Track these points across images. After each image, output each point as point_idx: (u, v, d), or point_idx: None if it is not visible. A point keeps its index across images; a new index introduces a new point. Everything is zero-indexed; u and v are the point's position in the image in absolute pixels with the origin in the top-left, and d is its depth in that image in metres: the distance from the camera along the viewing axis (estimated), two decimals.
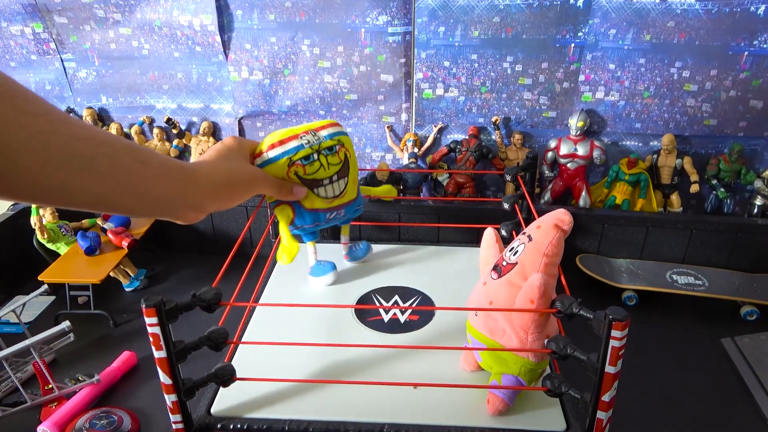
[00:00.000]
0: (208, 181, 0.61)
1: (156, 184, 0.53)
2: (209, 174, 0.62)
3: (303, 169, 0.82)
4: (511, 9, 1.13)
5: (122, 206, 0.52)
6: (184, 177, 0.57)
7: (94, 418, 0.80)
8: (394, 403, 0.71)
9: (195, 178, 0.59)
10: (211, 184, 0.61)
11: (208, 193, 0.61)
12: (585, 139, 1.21)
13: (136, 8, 1.21)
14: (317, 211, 0.87)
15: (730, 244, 1.13)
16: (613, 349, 0.57)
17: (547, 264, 0.67)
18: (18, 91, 0.42)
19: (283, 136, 0.82)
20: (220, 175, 0.63)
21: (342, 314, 0.89)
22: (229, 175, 0.65)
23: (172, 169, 0.56)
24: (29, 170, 0.41)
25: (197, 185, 0.59)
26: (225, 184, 0.64)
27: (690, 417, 0.82)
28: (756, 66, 1.12)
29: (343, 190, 0.88)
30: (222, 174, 0.64)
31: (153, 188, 0.53)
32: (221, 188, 0.63)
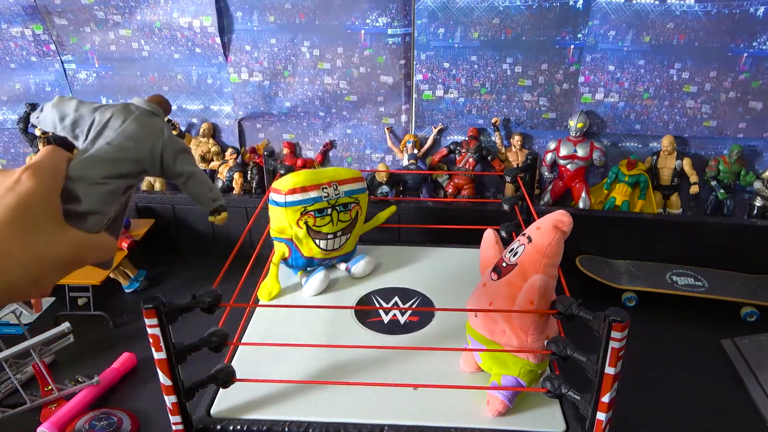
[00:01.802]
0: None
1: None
2: (2, 263, 0.37)
3: (314, 220, 0.90)
4: (510, 10, 1.13)
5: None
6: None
7: (94, 420, 0.80)
8: (394, 404, 0.71)
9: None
10: (3, 280, 0.37)
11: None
12: (585, 141, 1.21)
13: (136, 10, 1.21)
14: (313, 258, 0.91)
15: (729, 246, 1.13)
16: (612, 350, 0.57)
17: (547, 265, 0.67)
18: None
19: (307, 183, 0.88)
20: (19, 267, 0.38)
21: (342, 315, 0.89)
22: (38, 267, 0.39)
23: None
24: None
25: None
26: (30, 280, 0.39)
27: (690, 417, 0.82)
28: (755, 67, 1.12)
29: (343, 244, 0.95)
30: (23, 263, 0.38)
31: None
32: (22, 286, 0.38)
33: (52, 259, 0.40)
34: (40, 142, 1.28)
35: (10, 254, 0.37)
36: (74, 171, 0.45)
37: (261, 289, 0.94)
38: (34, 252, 0.38)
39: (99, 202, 0.45)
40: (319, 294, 0.96)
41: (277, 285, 0.95)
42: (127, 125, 0.48)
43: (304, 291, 0.96)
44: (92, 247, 0.44)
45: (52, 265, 0.40)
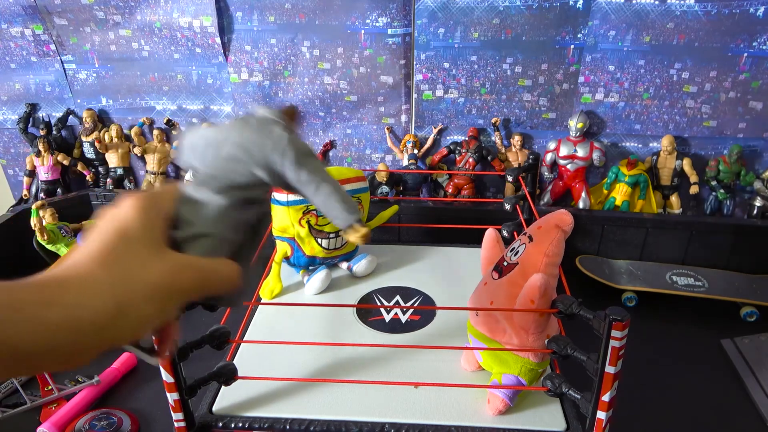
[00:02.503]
0: (82, 311, 0.34)
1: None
2: (85, 296, 0.34)
3: (316, 219, 0.90)
4: (510, 10, 1.13)
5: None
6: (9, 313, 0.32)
7: (94, 420, 0.80)
8: (395, 402, 0.71)
9: (53, 304, 0.33)
10: (86, 315, 0.34)
11: (81, 328, 0.33)
12: (584, 141, 1.21)
13: (137, 10, 1.21)
14: (315, 257, 0.92)
15: (729, 246, 1.13)
16: (613, 349, 0.57)
17: (548, 264, 0.67)
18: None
19: None
20: (104, 299, 0.34)
21: (343, 314, 0.89)
22: (126, 296, 0.35)
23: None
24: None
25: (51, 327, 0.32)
26: (111, 313, 0.34)
27: (689, 417, 0.82)
28: (755, 67, 1.13)
29: (345, 243, 0.95)
30: (110, 294, 0.35)
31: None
32: (109, 319, 0.34)
33: (145, 287, 0.36)
34: (40, 142, 1.28)
35: (95, 288, 0.35)
36: (185, 193, 0.43)
37: (263, 288, 0.95)
38: (122, 282, 0.36)
39: (210, 222, 0.42)
40: (320, 293, 0.96)
41: (279, 284, 0.95)
42: (241, 135, 0.44)
43: (306, 290, 0.96)
44: (197, 270, 0.40)
45: (144, 294, 0.36)
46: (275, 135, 0.44)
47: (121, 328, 0.35)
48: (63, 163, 1.31)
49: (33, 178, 1.34)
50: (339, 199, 0.46)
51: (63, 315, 0.33)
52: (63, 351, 0.33)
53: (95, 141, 1.31)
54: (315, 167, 0.45)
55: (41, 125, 1.31)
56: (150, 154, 1.33)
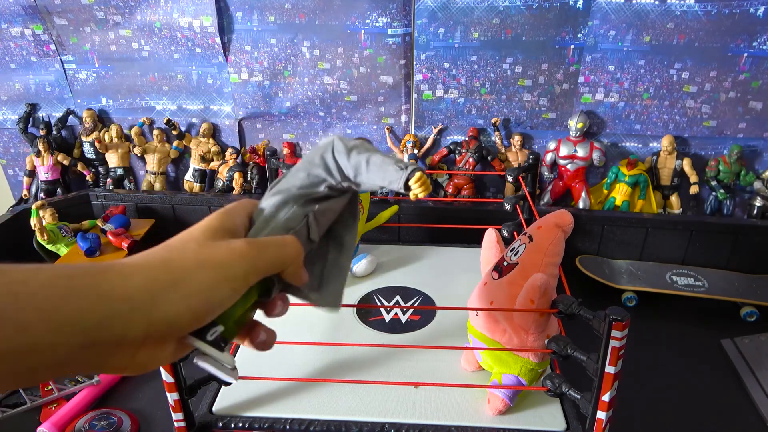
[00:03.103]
0: (135, 279, 0.34)
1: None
2: (139, 270, 0.35)
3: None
4: (510, 10, 1.13)
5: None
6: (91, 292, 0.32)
7: (94, 419, 0.80)
8: (395, 402, 0.71)
9: (106, 274, 0.33)
10: (140, 283, 0.34)
11: (134, 298, 0.33)
12: (584, 141, 1.21)
13: (137, 10, 1.21)
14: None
15: (729, 246, 1.13)
16: (613, 349, 0.57)
17: (548, 264, 0.67)
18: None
19: None
20: (160, 271, 0.36)
21: (343, 314, 0.89)
22: (180, 272, 0.36)
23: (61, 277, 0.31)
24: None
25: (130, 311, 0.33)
26: (170, 284, 0.35)
27: (689, 417, 0.82)
28: (755, 67, 1.13)
29: None
30: (164, 269, 0.36)
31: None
32: (164, 290, 0.35)
33: (197, 259, 0.37)
34: (40, 142, 1.28)
35: (150, 265, 0.36)
36: (262, 204, 0.47)
37: None
38: (178, 255, 0.38)
39: (266, 215, 0.45)
40: None
41: None
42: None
43: None
44: (254, 245, 0.40)
45: (197, 263, 0.37)
46: (324, 141, 0.49)
47: (181, 300, 0.35)
48: (63, 163, 1.31)
49: (33, 178, 1.34)
50: (391, 162, 0.48)
51: (117, 284, 0.33)
52: (124, 326, 0.32)
53: (95, 141, 1.31)
54: (361, 148, 0.48)
55: (41, 125, 1.31)
56: (150, 154, 1.33)
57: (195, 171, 1.34)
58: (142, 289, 0.34)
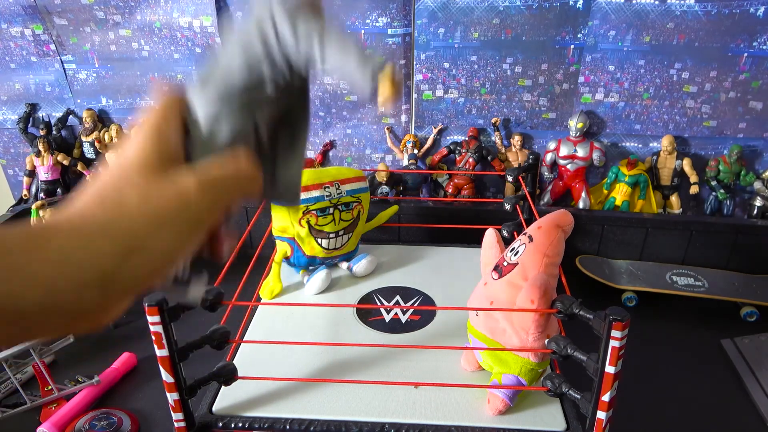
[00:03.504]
0: (81, 254, 0.30)
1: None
2: (83, 240, 0.30)
3: (316, 219, 0.90)
4: (510, 10, 1.13)
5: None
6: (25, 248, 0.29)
7: (94, 420, 0.80)
8: (395, 402, 0.71)
9: (46, 251, 0.29)
10: (87, 260, 0.30)
11: (83, 278, 0.29)
12: (584, 141, 1.21)
13: (136, 10, 1.21)
14: (315, 257, 0.92)
15: (729, 246, 1.13)
16: (613, 349, 0.57)
17: (548, 264, 0.67)
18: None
19: (309, 182, 0.88)
20: (100, 238, 0.31)
21: (343, 314, 0.89)
22: (133, 229, 0.32)
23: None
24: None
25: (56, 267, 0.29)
26: (118, 252, 0.31)
27: (689, 417, 0.82)
28: (755, 67, 1.13)
29: (345, 243, 0.95)
30: (113, 233, 0.31)
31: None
32: (111, 259, 0.30)
33: (150, 217, 0.32)
34: (40, 142, 1.28)
35: (90, 224, 0.31)
36: (191, 99, 0.37)
37: (263, 288, 0.95)
38: (120, 214, 0.31)
39: (204, 133, 0.36)
40: (320, 293, 0.96)
41: (279, 284, 0.95)
42: (237, 29, 0.37)
43: (306, 290, 0.96)
44: (208, 184, 0.34)
45: (151, 224, 0.32)
46: (264, 6, 0.36)
47: (138, 269, 0.31)
48: (63, 163, 1.31)
49: (33, 178, 1.34)
50: (356, 53, 0.36)
51: (59, 262, 0.29)
52: (69, 306, 0.29)
53: (95, 141, 1.31)
54: (313, 17, 0.36)
55: (41, 125, 1.31)
56: None
57: None
58: (96, 266, 0.30)
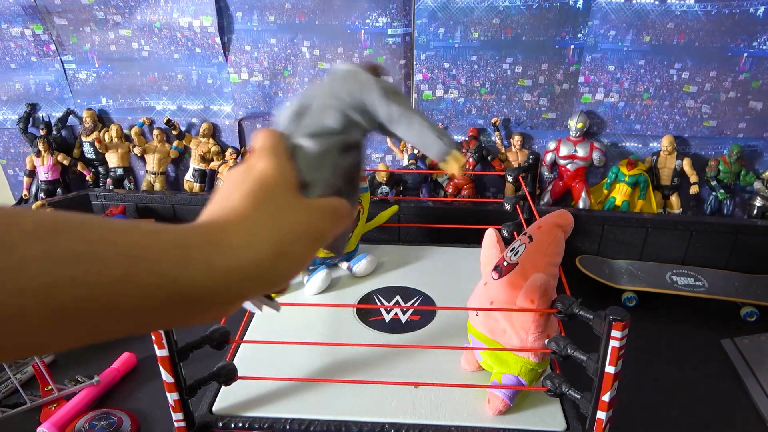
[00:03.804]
0: (247, 253, 0.35)
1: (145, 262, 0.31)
2: (247, 239, 0.36)
3: None
4: (510, 10, 1.13)
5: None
6: (201, 243, 0.34)
7: (94, 420, 0.80)
8: (395, 402, 0.71)
9: (220, 246, 0.34)
10: (251, 257, 0.35)
11: (244, 271, 0.35)
12: (584, 141, 1.21)
13: (136, 10, 1.21)
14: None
15: (729, 245, 1.13)
16: (613, 349, 0.57)
17: (548, 264, 0.67)
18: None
19: None
20: (265, 241, 0.36)
21: (343, 314, 0.89)
22: (282, 237, 0.37)
23: (177, 234, 0.33)
24: None
25: (226, 259, 0.34)
26: (273, 253, 0.36)
27: (689, 417, 0.82)
28: (755, 67, 1.13)
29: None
30: (268, 236, 0.37)
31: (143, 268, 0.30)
32: (270, 261, 0.36)
33: (295, 229, 0.38)
34: (40, 142, 1.28)
35: (254, 231, 0.36)
36: (288, 141, 0.45)
37: None
38: (276, 225, 0.37)
39: (311, 167, 0.43)
40: (320, 293, 0.96)
41: None
42: (325, 88, 0.47)
43: (306, 290, 0.96)
44: (330, 212, 0.42)
45: (297, 235, 0.38)
46: (361, 78, 0.46)
47: (279, 271, 0.37)
48: (63, 163, 1.31)
49: (33, 178, 1.34)
50: (433, 130, 0.47)
51: (228, 258, 0.34)
52: (226, 295, 0.34)
53: (95, 141, 1.31)
54: (401, 100, 0.46)
55: (41, 125, 1.31)
56: (150, 154, 1.33)
57: (195, 171, 1.34)
58: (252, 265, 0.35)
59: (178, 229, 0.33)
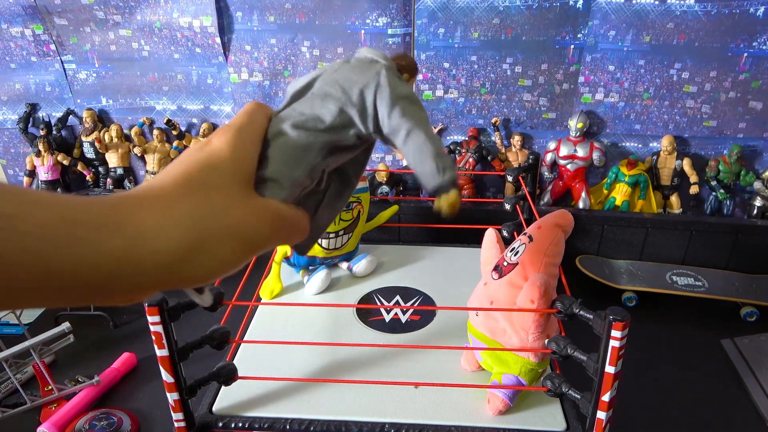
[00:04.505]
0: (156, 240, 0.30)
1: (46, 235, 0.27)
2: (160, 224, 0.31)
3: None
4: (510, 10, 1.13)
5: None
6: (101, 222, 0.29)
7: (94, 419, 0.80)
8: (395, 402, 0.71)
9: (123, 227, 0.29)
10: (159, 246, 0.30)
11: (148, 260, 0.30)
12: (584, 141, 1.21)
13: (136, 10, 1.21)
14: (314, 257, 0.92)
15: (729, 245, 1.13)
16: (613, 349, 0.57)
17: (548, 264, 0.67)
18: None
19: None
20: (182, 230, 0.31)
21: (343, 314, 0.89)
22: (204, 230, 0.32)
23: (80, 206, 0.28)
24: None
25: (127, 239, 0.29)
26: (187, 247, 0.31)
27: (689, 417, 0.82)
28: (755, 67, 1.13)
29: (345, 243, 0.95)
30: (188, 225, 0.31)
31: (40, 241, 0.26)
32: (183, 254, 0.31)
33: (226, 226, 0.33)
34: (40, 142, 1.28)
35: (172, 216, 0.31)
36: (270, 129, 0.38)
37: (263, 288, 0.95)
38: (202, 214, 0.32)
39: (282, 160, 0.37)
40: (320, 293, 0.96)
41: (279, 284, 0.95)
42: (336, 72, 0.40)
43: (306, 290, 0.96)
44: (280, 219, 0.36)
45: (224, 233, 0.32)
46: (373, 70, 0.40)
47: (193, 269, 0.32)
48: (63, 163, 1.31)
49: (33, 178, 1.34)
50: (432, 153, 0.40)
51: (131, 241, 0.29)
52: (127, 283, 0.30)
53: (95, 141, 1.31)
54: (411, 110, 0.40)
55: (41, 125, 1.31)
56: (150, 154, 1.33)
57: None
58: (159, 254, 0.30)
59: (78, 204, 0.28)
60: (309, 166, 0.38)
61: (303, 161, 0.38)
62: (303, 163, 0.38)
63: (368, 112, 0.40)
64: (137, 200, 0.31)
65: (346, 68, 0.41)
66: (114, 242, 0.28)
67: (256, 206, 0.35)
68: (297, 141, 0.38)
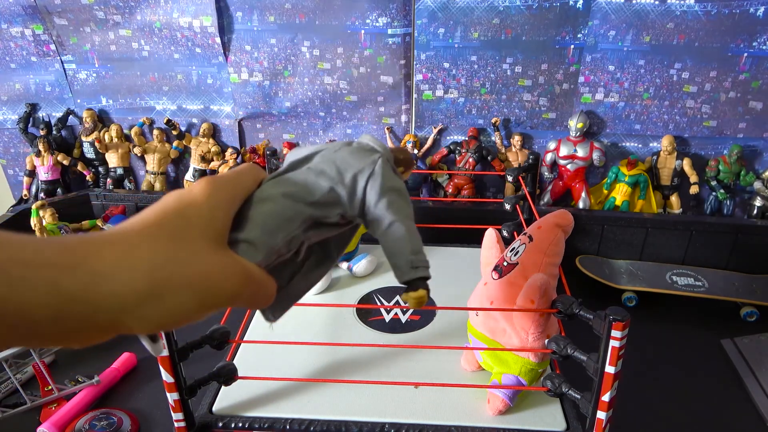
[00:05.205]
0: (110, 282, 0.29)
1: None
2: (118, 266, 0.30)
3: None
4: (510, 10, 1.13)
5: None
6: (65, 260, 0.29)
7: (94, 420, 0.80)
8: (395, 402, 0.71)
9: (77, 268, 0.29)
10: (113, 289, 0.29)
11: (101, 303, 0.29)
12: (584, 141, 1.21)
13: (136, 10, 1.21)
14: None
15: (729, 246, 1.13)
16: (613, 349, 0.57)
17: (548, 264, 0.67)
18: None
19: None
20: (140, 273, 0.30)
21: (343, 314, 0.89)
22: (165, 278, 0.31)
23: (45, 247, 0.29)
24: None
25: (92, 275, 0.29)
26: (144, 291, 0.30)
27: (689, 417, 0.82)
28: (755, 67, 1.13)
29: None
30: (147, 270, 0.31)
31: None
32: (139, 299, 0.30)
33: (187, 276, 0.32)
34: (40, 142, 1.28)
35: (131, 260, 0.30)
36: (258, 193, 0.39)
37: None
38: (164, 260, 0.31)
39: (263, 225, 0.37)
40: (321, 293, 0.96)
41: None
42: (335, 152, 0.42)
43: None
44: (248, 279, 0.35)
45: (183, 282, 0.32)
46: (371, 158, 0.42)
47: (148, 316, 0.31)
48: (63, 163, 1.31)
49: (33, 178, 1.34)
50: (410, 249, 0.42)
51: (86, 281, 0.28)
52: (76, 324, 0.29)
53: (95, 141, 1.31)
54: (398, 203, 0.42)
55: (41, 125, 1.31)
56: (150, 154, 1.33)
57: (195, 171, 1.34)
58: (119, 295, 0.29)
59: (33, 244, 0.28)
60: (289, 236, 0.38)
61: (284, 230, 0.38)
62: (283, 231, 0.38)
63: (357, 196, 0.41)
64: (101, 240, 0.31)
65: (345, 151, 0.42)
66: (66, 281, 0.28)
67: (223, 262, 0.34)
68: (282, 209, 0.38)
